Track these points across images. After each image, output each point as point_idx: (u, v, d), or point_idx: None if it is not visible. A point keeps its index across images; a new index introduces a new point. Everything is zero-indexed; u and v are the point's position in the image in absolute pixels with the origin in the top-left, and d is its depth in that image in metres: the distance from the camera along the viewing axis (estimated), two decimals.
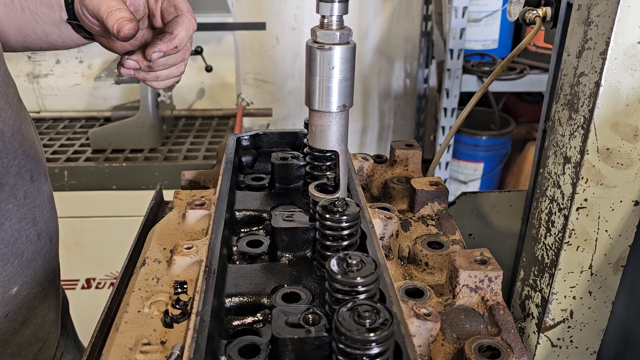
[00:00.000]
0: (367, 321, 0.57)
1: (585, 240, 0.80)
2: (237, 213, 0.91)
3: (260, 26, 2.73)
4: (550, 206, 0.84)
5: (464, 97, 2.50)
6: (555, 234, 0.83)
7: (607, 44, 0.71)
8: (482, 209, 1.29)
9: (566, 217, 0.80)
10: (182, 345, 0.61)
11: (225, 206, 0.85)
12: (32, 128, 0.98)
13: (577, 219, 0.79)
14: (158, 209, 1.06)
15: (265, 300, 0.74)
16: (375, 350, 0.56)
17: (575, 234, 0.80)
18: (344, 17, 0.75)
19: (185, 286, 0.71)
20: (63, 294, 1.19)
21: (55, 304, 1.05)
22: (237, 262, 0.84)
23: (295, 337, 0.62)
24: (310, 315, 0.65)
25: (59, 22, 0.95)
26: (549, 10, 0.99)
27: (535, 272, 0.89)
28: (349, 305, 0.59)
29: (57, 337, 1.07)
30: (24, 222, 0.86)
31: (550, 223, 0.84)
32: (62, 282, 2.22)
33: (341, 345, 0.57)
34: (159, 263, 0.79)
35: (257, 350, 0.65)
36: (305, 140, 1.07)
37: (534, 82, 2.58)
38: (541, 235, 0.87)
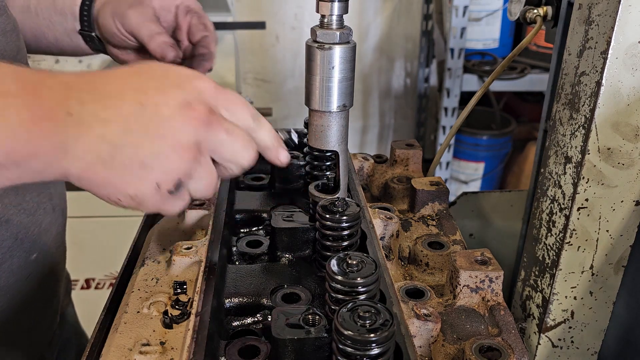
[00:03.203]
0: (368, 322, 0.56)
1: (586, 240, 0.80)
2: (236, 213, 0.91)
3: (260, 25, 2.72)
4: (551, 206, 0.84)
5: (465, 97, 2.50)
6: (556, 234, 0.83)
7: (608, 43, 0.70)
8: (482, 209, 1.29)
9: (567, 217, 0.80)
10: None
11: (225, 206, 0.85)
12: None
13: (578, 219, 0.79)
14: None
15: (265, 301, 0.73)
16: (375, 351, 0.56)
17: (576, 234, 0.80)
18: (344, 16, 0.75)
19: (184, 286, 0.70)
20: (67, 275, 1.26)
21: (62, 275, 1.11)
22: (237, 263, 0.84)
23: (295, 337, 0.62)
24: (310, 316, 0.65)
25: (70, 31, 1.00)
26: (549, 9, 0.98)
27: (536, 273, 0.88)
28: (349, 305, 0.58)
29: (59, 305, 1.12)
30: (42, 196, 0.91)
31: (551, 223, 0.84)
32: None
33: (341, 346, 0.57)
34: (159, 263, 0.78)
35: (256, 351, 0.65)
36: (305, 140, 1.07)
37: (535, 81, 2.57)
38: (542, 236, 0.86)
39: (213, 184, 0.62)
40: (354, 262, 0.64)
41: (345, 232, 0.75)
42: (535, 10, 0.99)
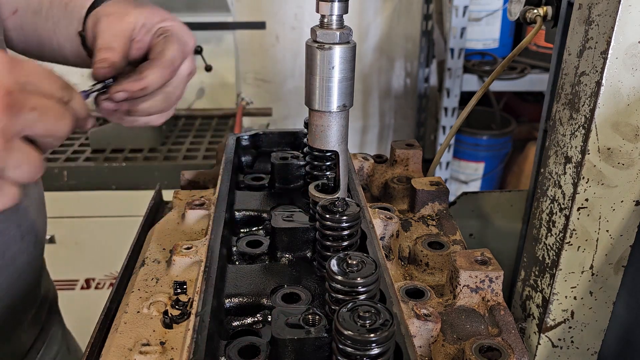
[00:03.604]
0: (368, 322, 0.56)
1: (586, 240, 0.80)
2: (236, 213, 0.91)
3: (260, 25, 2.73)
4: (551, 206, 0.84)
5: (465, 97, 2.50)
6: (556, 234, 0.83)
7: (608, 43, 0.70)
8: (482, 209, 1.29)
9: (567, 217, 0.80)
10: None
11: (225, 206, 0.85)
12: None
13: (578, 219, 0.79)
14: (157, 209, 1.05)
15: (265, 301, 0.73)
16: (375, 351, 0.56)
17: (576, 234, 0.80)
18: (344, 16, 0.75)
19: (184, 286, 0.70)
20: (54, 292, 1.20)
21: (36, 304, 1.06)
22: (237, 263, 0.84)
23: (295, 337, 0.62)
24: (310, 316, 0.65)
25: (72, 35, 0.94)
26: (549, 9, 0.98)
27: (536, 273, 0.88)
28: (349, 305, 0.58)
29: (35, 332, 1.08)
30: (7, 222, 0.87)
31: (551, 223, 0.84)
32: (61, 282, 2.22)
33: (341, 346, 0.57)
34: (159, 263, 0.78)
35: (256, 351, 0.65)
36: (305, 140, 1.07)
37: (535, 81, 2.58)
38: (542, 236, 0.86)
39: (35, 165, 0.58)
40: (354, 262, 0.64)
41: (345, 232, 0.75)
42: (535, 10, 0.99)
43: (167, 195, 1.05)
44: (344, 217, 0.74)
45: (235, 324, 0.72)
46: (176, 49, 0.83)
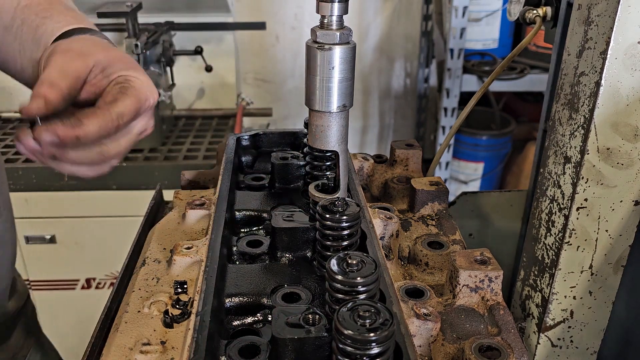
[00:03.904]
0: (367, 321, 0.57)
1: (586, 240, 0.80)
2: (237, 213, 0.91)
3: (260, 26, 2.73)
4: (550, 206, 0.84)
5: (465, 97, 2.50)
6: (555, 233, 0.83)
7: (608, 43, 0.70)
8: (482, 209, 1.29)
9: (566, 217, 0.80)
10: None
11: (225, 206, 0.85)
12: None
13: (577, 218, 0.79)
14: (158, 209, 1.06)
15: (265, 300, 0.74)
16: (375, 350, 0.56)
17: (575, 233, 0.80)
18: (344, 16, 0.75)
19: (185, 286, 0.71)
20: (32, 308, 1.18)
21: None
22: (237, 262, 0.84)
23: (295, 337, 0.62)
24: (310, 316, 0.65)
25: (34, 62, 0.86)
26: (549, 9, 0.99)
27: (536, 272, 0.88)
28: (349, 305, 0.59)
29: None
30: None
31: (550, 223, 0.84)
32: (62, 282, 2.22)
33: (341, 346, 0.57)
34: (159, 263, 0.79)
35: (257, 350, 0.65)
36: (305, 140, 1.07)
37: (535, 81, 2.58)
38: (541, 235, 0.87)
39: None
40: (354, 262, 0.65)
41: (345, 232, 0.75)
42: (535, 11, 0.99)
43: (168, 195, 1.06)
44: (344, 217, 0.74)
45: (235, 323, 0.72)
46: (129, 104, 0.73)
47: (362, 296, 0.63)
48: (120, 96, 0.73)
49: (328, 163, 0.96)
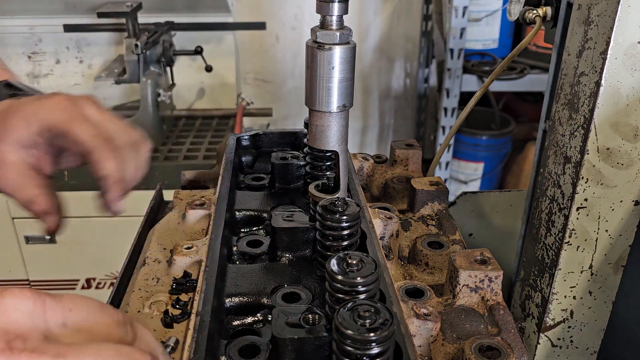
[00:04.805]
0: (367, 321, 0.57)
1: (586, 240, 0.80)
2: (237, 213, 0.91)
3: (260, 26, 2.73)
4: (550, 206, 0.84)
5: (464, 97, 2.50)
6: (555, 233, 0.83)
7: (608, 43, 0.70)
8: (482, 209, 1.29)
9: (566, 217, 0.80)
10: (176, 339, 0.61)
11: (225, 206, 0.85)
12: None
13: (577, 218, 0.79)
14: (158, 209, 1.06)
15: (265, 300, 0.74)
16: (375, 350, 0.56)
17: (575, 233, 0.80)
18: (344, 16, 0.75)
19: (191, 276, 0.71)
20: None
21: None
22: (237, 262, 0.84)
23: (295, 337, 0.62)
24: (310, 316, 0.65)
25: None
26: (549, 9, 0.99)
27: (536, 272, 0.88)
28: (349, 305, 0.59)
29: None
30: None
31: (550, 223, 0.84)
32: (62, 282, 2.22)
33: (341, 345, 0.57)
34: (159, 263, 0.79)
35: (257, 350, 0.65)
36: (305, 140, 1.07)
37: (535, 81, 2.58)
38: (541, 235, 0.87)
39: None
40: (354, 262, 0.65)
41: (345, 232, 0.75)
42: (535, 11, 0.99)
43: (168, 195, 1.06)
44: (344, 217, 0.74)
45: (235, 323, 0.72)
46: (106, 158, 0.73)
47: (362, 296, 0.63)
48: (96, 156, 0.72)
49: (328, 163, 0.96)
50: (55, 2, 2.48)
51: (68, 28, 2.45)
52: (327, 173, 0.96)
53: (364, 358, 0.56)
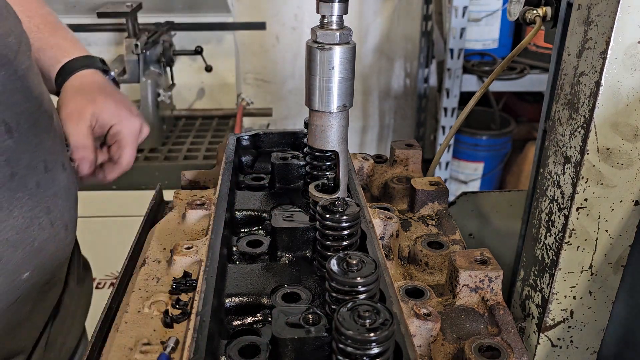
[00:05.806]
0: (367, 321, 0.57)
1: (586, 240, 0.80)
2: (237, 213, 0.91)
3: (260, 26, 2.73)
4: (550, 206, 0.84)
5: (464, 97, 2.50)
6: (555, 233, 0.83)
7: (608, 43, 0.70)
8: (482, 209, 1.29)
9: (566, 217, 0.80)
10: (176, 339, 0.61)
11: (225, 206, 0.85)
12: (54, 118, 0.99)
13: (577, 218, 0.79)
14: (158, 209, 1.06)
15: (265, 300, 0.74)
16: (375, 350, 0.56)
17: (575, 233, 0.80)
18: (344, 17, 0.75)
19: (191, 276, 0.71)
20: (89, 287, 1.25)
21: (69, 292, 1.08)
22: (237, 262, 0.84)
23: (295, 337, 0.62)
24: (310, 315, 0.65)
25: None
26: (549, 9, 0.99)
27: (536, 272, 0.89)
28: (349, 305, 0.59)
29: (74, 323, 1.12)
30: (36, 210, 0.88)
31: (550, 223, 0.84)
32: None
33: (341, 346, 0.57)
34: (159, 263, 0.79)
35: (257, 350, 0.65)
36: (305, 140, 1.07)
37: (534, 81, 2.58)
38: (541, 235, 0.87)
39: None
40: (354, 262, 0.65)
41: (345, 232, 0.75)
42: (535, 11, 0.99)
43: (168, 195, 1.06)
44: (344, 217, 0.74)
45: (235, 323, 0.72)
46: (130, 152, 1.15)
47: (362, 296, 0.63)
48: (122, 151, 1.14)
49: (328, 163, 0.96)
50: (55, 2, 2.48)
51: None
52: (327, 173, 0.96)
53: (364, 358, 0.56)
